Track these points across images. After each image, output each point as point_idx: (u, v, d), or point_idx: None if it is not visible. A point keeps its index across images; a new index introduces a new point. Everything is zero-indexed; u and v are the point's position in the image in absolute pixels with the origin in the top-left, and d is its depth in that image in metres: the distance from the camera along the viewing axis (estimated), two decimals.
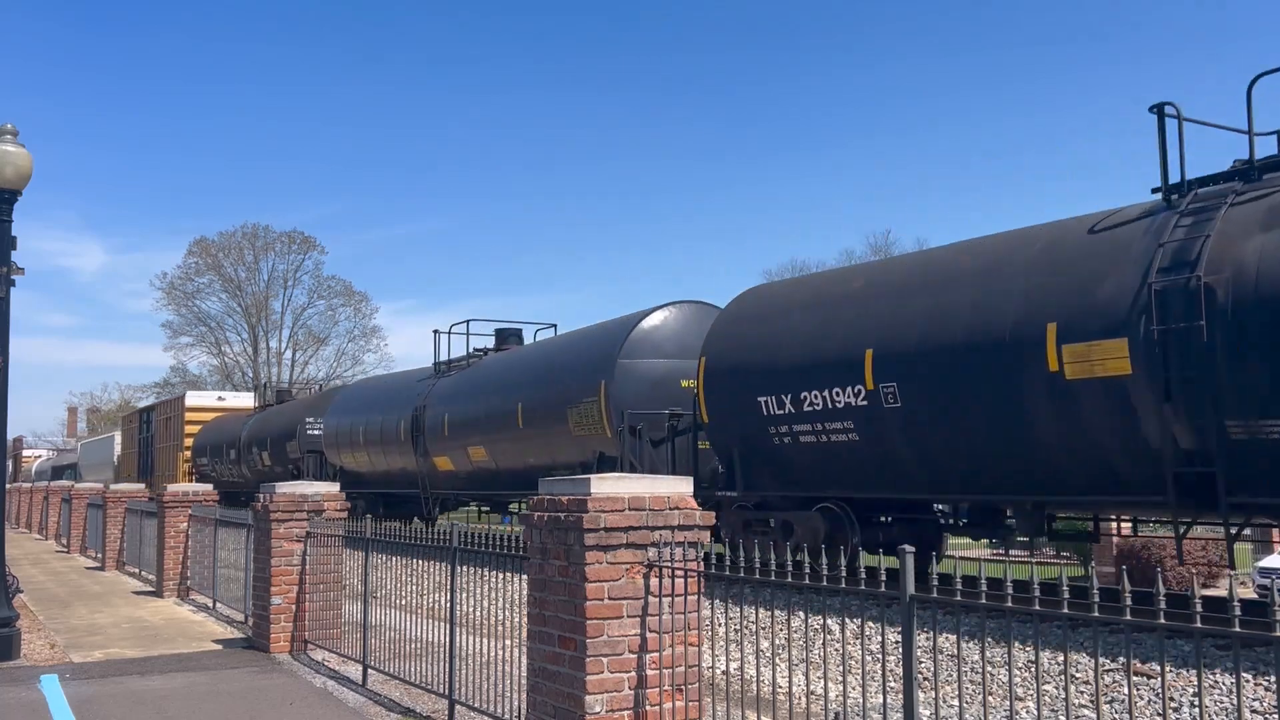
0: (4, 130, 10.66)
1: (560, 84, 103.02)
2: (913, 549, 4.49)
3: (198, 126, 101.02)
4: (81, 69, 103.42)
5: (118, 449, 51.35)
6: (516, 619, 7.61)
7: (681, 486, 5.76)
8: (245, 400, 41.92)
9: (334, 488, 10.99)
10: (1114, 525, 13.19)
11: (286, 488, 10.73)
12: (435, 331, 25.61)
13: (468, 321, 23.60)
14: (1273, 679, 7.87)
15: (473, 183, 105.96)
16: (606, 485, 5.49)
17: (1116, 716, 7.36)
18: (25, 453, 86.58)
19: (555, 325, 22.86)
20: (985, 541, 16.46)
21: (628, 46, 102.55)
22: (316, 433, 29.04)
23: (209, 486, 18.16)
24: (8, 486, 40.68)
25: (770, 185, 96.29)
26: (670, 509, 5.60)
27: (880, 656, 8.23)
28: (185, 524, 15.78)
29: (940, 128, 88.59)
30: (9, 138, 10.67)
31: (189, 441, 39.25)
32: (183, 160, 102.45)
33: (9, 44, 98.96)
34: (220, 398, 42.52)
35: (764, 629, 10.32)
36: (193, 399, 41.53)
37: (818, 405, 12.49)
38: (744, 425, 13.65)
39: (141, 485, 26.53)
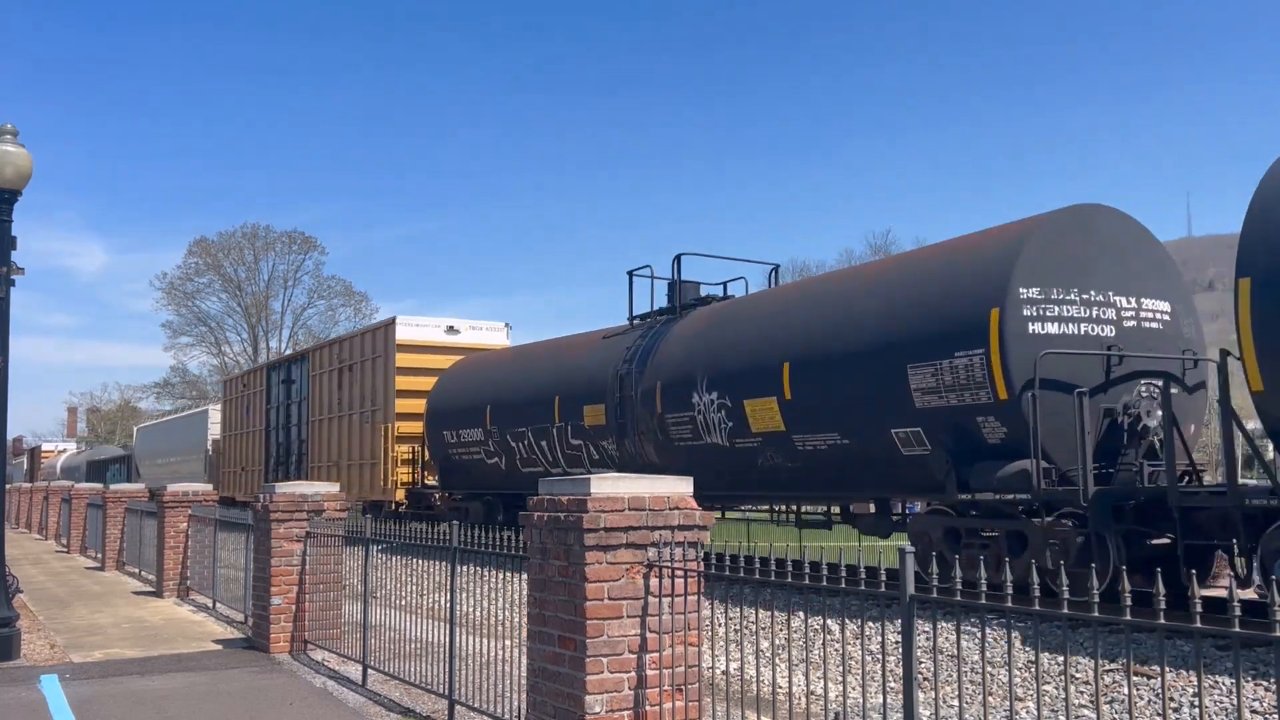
0: (4, 130, 10.65)
1: (560, 85, 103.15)
2: (914, 549, 4.49)
3: (198, 126, 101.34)
4: (81, 69, 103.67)
5: (214, 430, 35.46)
6: (516, 619, 7.61)
7: (681, 486, 5.76)
8: (488, 336, 23.99)
9: (334, 488, 10.89)
10: None
11: (287, 488, 10.73)
12: None
13: None
14: (1273, 679, 7.87)
15: (472, 183, 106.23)
16: (606, 485, 5.48)
17: (1116, 716, 7.36)
18: (45, 446, 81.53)
19: None
20: None
21: (628, 47, 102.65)
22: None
23: (209, 486, 17.38)
24: (13, 486, 40.18)
25: (770, 185, 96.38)
26: (670, 509, 5.60)
27: (880, 656, 8.23)
28: (185, 524, 15.77)
29: (940, 128, 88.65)
30: (9, 138, 10.66)
31: (407, 406, 22.23)
32: (183, 160, 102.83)
33: (9, 44, 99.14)
34: (451, 328, 23.73)
35: (764, 629, 10.32)
36: (407, 330, 23.10)
37: None
38: None
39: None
